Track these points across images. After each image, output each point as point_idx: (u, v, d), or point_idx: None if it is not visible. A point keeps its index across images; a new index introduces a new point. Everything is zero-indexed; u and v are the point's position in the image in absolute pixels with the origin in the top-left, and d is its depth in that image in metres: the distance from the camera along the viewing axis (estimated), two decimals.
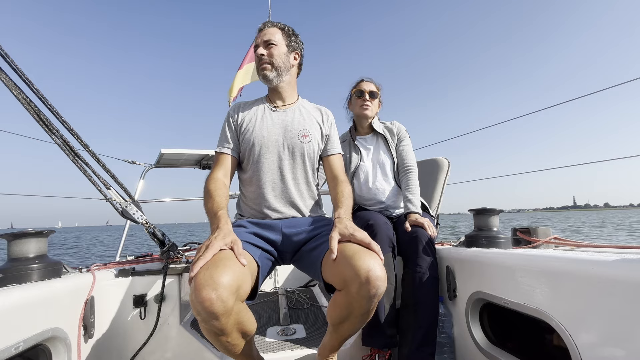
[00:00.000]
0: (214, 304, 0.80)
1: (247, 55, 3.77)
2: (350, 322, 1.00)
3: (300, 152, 1.27)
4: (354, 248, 0.97)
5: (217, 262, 0.88)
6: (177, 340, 1.42)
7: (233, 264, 0.90)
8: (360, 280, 0.89)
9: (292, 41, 1.33)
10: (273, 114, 1.31)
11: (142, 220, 1.40)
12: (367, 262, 0.91)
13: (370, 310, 0.96)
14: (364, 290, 0.89)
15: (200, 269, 0.85)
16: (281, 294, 2.04)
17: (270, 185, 1.25)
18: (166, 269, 1.38)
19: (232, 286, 0.84)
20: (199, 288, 0.81)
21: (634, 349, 0.72)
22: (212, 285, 0.81)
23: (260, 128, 1.27)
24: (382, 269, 0.91)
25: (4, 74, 1.07)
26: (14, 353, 0.83)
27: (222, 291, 0.82)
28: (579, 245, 1.20)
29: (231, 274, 0.86)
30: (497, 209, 1.36)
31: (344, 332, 1.06)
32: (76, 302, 1.13)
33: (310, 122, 1.33)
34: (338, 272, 0.96)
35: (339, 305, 0.98)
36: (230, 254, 0.93)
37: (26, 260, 1.05)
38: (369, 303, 0.92)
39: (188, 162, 2.72)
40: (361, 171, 1.71)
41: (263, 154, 1.25)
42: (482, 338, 1.22)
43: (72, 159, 1.24)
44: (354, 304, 0.93)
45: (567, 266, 0.87)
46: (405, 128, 1.76)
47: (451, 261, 1.37)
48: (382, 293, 0.92)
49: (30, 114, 1.14)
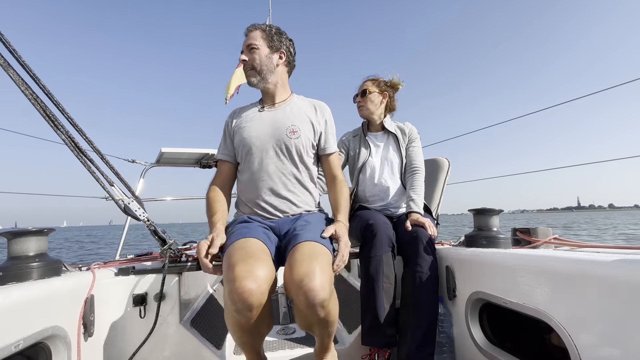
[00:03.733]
0: (253, 295, 0.84)
1: None
2: (316, 328, 0.99)
3: (289, 148, 1.28)
4: (302, 252, 0.98)
5: (253, 256, 0.93)
6: (177, 338, 1.43)
7: (264, 258, 0.96)
8: (296, 288, 0.90)
9: (274, 41, 1.33)
10: (262, 114, 1.33)
11: (144, 218, 1.40)
12: (301, 271, 0.90)
13: (324, 317, 0.93)
14: (302, 299, 0.89)
15: (238, 261, 0.90)
16: (281, 293, 2.05)
17: (262, 183, 1.27)
18: (166, 267, 1.38)
19: (270, 279, 0.90)
20: (240, 279, 0.85)
21: (633, 349, 0.72)
22: (252, 277, 0.86)
23: (249, 129, 1.30)
24: (320, 277, 0.89)
25: (12, 69, 1.07)
26: (13, 351, 0.83)
27: (261, 283, 0.87)
28: (578, 245, 1.20)
29: (266, 267, 0.92)
30: (497, 209, 1.36)
31: (321, 335, 1.06)
32: (76, 301, 1.13)
33: (300, 118, 1.33)
34: (285, 277, 0.97)
35: (298, 315, 0.98)
36: (258, 249, 0.99)
37: (26, 258, 1.05)
38: (313, 311, 0.90)
39: (188, 161, 2.72)
40: (368, 166, 1.71)
41: (253, 153, 1.28)
42: (482, 338, 1.22)
43: (76, 155, 1.24)
44: (304, 312, 0.92)
45: (566, 266, 0.87)
46: (417, 130, 1.77)
47: (451, 261, 1.37)
48: (323, 301, 0.89)
49: (37, 110, 1.14)
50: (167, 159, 2.60)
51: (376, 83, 1.75)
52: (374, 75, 1.79)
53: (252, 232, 1.11)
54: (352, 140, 1.80)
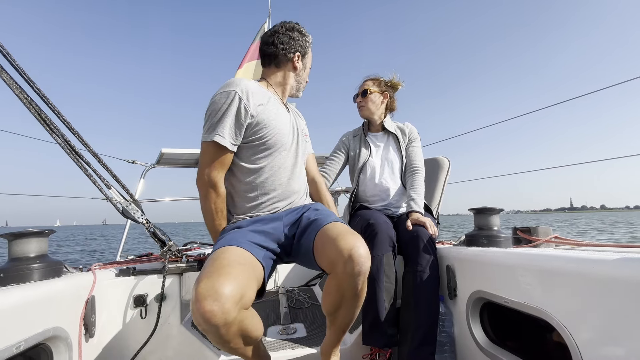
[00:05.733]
0: (216, 316, 0.78)
1: (247, 55, 3.77)
2: (344, 308, 1.02)
3: (302, 150, 1.32)
4: (338, 229, 1.02)
5: (219, 270, 0.86)
6: (178, 339, 1.43)
7: (237, 272, 0.88)
8: (344, 258, 0.93)
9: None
10: (281, 109, 1.26)
11: (143, 220, 1.40)
12: (349, 242, 0.95)
13: (360, 292, 0.99)
14: (348, 268, 0.93)
15: (202, 279, 0.83)
16: (282, 293, 2.05)
17: (276, 184, 1.20)
18: (166, 268, 1.38)
19: (234, 296, 0.82)
20: (200, 299, 0.79)
21: (634, 348, 0.72)
22: (214, 296, 0.79)
23: (277, 123, 1.19)
24: (365, 248, 0.96)
25: (5, 72, 1.07)
26: (15, 352, 0.83)
27: (224, 302, 0.79)
28: (579, 244, 1.20)
29: (234, 283, 0.84)
30: (498, 208, 1.36)
31: (341, 322, 1.07)
32: (77, 302, 1.13)
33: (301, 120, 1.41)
34: (326, 254, 1.00)
35: (331, 291, 1.01)
36: (234, 260, 0.93)
37: (27, 259, 1.05)
38: (356, 281, 0.95)
39: (188, 162, 2.72)
40: (368, 166, 1.71)
41: (279, 151, 1.21)
42: (483, 337, 1.22)
43: (73, 158, 1.24)
44: (343, 284, 0.96)
45: (567, 265, 0.87)
46: (417, 130, 1.77)
47: (452, 260, 1.37)
48: (367, 271, 0.96)
49: (32, 113, 1.14)
50: (167, 159, 2.60)
51: (377, 83, 1.75)
52: (374, 75, 1.79)
53: (237, 240, 1.04)
54: (352, 140, 1.80)
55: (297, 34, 1.27)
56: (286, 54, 1.25)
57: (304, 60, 1.31)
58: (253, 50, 3.68)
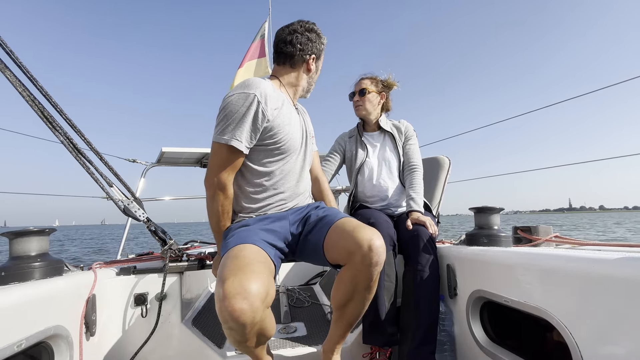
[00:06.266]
0: (245, 314, 0.78)
1: (247, 53, 3.76)
2: (355, 300, 1.05)
3: (310, 152, 1.33)
4: (354, 223, 1.05)
5: (244, 268, 0.86)
6: (179, 338, 1.43)
7: (259, 270, 0.89)
8: (363, 249, 0.96)
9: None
10: (293, 112, 1.25)
11: (144, 218, 1.40)
12: (368, 233, 1.00)
13: (373, 284, 1.03)
14: (367, 258, 0.97)
15: (228, 276, 0.83)
16: (282, 292, 2.05)
17: (285, 186, 1.20)
18: (167, 267, 1.39)
19: (261, 294, 0.82)
20: (229, 297, 0.78)
21: (635, 347, 0.72)
22: (243, 294, 0.79)
23: (290, 127, 1.19)
24: (381, 240, 1.00)
25: (9, 70, 1.07)
26: (16, 351, 0.83)
27: (253, 300, 0.79)
28: (579, 243, 1.20)
29: (259, 281, 0.84)
30: (498, 207, 1.36)
31: (349, 316, 1.09)
32: (78, 300, 1.13)
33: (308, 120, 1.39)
34: (342, 246, 1.02)
35: (344, 281, 1.04)
36: (254, 259, 0.93)
37: (28, 258, 1.05)
38: (372, 271, 0.99)
39: (189, 161, 2.72)
40: (366, 167, 1.70)
41: (290, 154, 1.20)
42: (483, 336, 1.22)
43: (75, 157, 1.24)
44: (359, 275, 1.00)
45: (568, 264, 0.87)
46: (413, 127, 1.75)
47: (452, 259, 1.37)
48: (383, 262, 1.00)
49: (35, 111, 1.14)
50: (168, 158, 2.60)
51: (374, 82, 1.71)
52: (370, 74, 1.74)
53: (251, 238, 1.04)
54: (347, 141, 1.78)
55: (314, 36, 1.24)
56: (302, 55, 1.22)
57: (317, 62, 1.29)
58: (254, 49, 3.68)
